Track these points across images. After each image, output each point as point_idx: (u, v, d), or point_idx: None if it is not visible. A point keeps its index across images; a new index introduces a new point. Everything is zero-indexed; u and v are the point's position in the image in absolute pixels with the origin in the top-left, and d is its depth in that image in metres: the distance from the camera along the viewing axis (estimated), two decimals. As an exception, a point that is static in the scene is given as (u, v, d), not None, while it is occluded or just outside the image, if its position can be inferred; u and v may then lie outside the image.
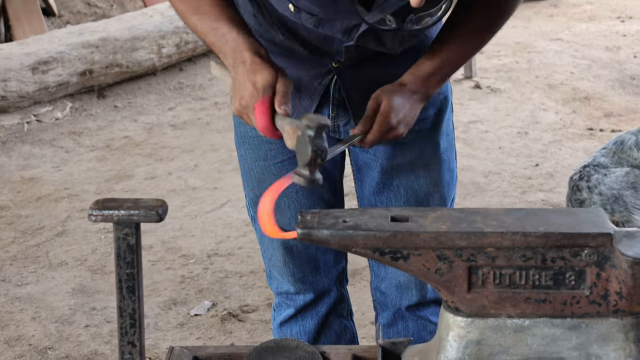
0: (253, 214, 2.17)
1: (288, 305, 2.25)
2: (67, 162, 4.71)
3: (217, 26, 1.78)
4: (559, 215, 1.53)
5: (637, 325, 1.50)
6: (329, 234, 1.53)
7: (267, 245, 2.19)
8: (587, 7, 7.43)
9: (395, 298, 2.22)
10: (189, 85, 5.80)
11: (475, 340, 1.52)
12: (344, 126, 2.04)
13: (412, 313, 2.23)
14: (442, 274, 1.51)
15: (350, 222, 1.56)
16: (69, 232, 3.94)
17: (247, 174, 2.13)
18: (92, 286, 3.51)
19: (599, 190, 3.50)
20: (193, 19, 1.82)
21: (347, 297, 2.32)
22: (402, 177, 2.07)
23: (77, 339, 3.19)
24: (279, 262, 2.17)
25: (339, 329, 2.29)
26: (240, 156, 2.14)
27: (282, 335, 2.28)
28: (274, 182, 2.06)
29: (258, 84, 1.70)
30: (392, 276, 2.20)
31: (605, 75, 5.87)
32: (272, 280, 2.25)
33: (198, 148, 4.88)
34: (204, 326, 3.27)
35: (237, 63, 1.74)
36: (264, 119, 1.69)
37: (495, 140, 4.85)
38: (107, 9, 6.49)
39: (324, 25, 1.82)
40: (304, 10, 1.79)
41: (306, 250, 2.15)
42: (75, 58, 5.35)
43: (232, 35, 1.76)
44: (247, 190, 2.16)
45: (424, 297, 2.20)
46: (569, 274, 1.49)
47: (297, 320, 2.25)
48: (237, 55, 1.74)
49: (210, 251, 3.76)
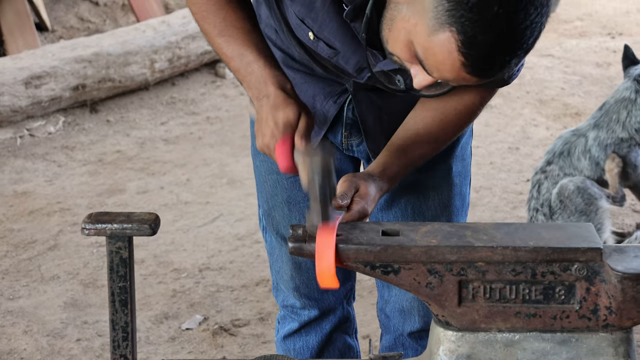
0: (265, 225, 2.18)
1: (292, 319, 2.25)
2: (59, 176, 4.72)
3: (244, 52, 1.74)
4: (548, 230, 1.54)
5: (626, 340, 1.51)
6: (321, 247, 1.53)
7: (276, 257, 2.19)
8: (578, 24, 7.47)
9: (398, 323, 2.21)
10: (181, 100, 5.81)
11: (466, 354, 1.53)
12: (357, 146, 2.04)
13: (414, 340, 2.22)
14: (433, 288, 1.52)
15: (342, 236, 1.57)
16: (61, 246, 3.93)
17: (261, 185, 2.14)
18: (84, 300, 3.51)
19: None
20: (219, 40, 1.78)
21: (352, 315, 2.31)
22: (411, 196, 2.06)
23: (69, 353, 3.19)
24: (286, 275, 2.17)
25: (343, 347, 2.28)
26: (256, 167, 2.14)
27: (285, 348, 2.27)
28: (285, 196, 2.08)
29: (279, 122, 1.67)
30: (395, 300, 2.19)
31: (595, 91, 5.90)
32: (279, 292, 2.25)
33: (190, 162, 4.88)
34: (195, 340, 3.26)
35: (261, 96, 1.70)
36: (284, 159, 1.66)
37: (486, 155, 4.87)
38: (100, 24, 6.51)
39: (339, 59, 1.80)
40: (323, 40, 1.77)
41: (314, 267, 2.15)
42: (68, 73, 5.35)
43: (258, 64, 1.73)
44: (261, 201, 2.17)
45: (427, 324, 2.17)
46: (559, 288, 1.50)
47: (300, 335, 2.25)
48: (261, 88, 1.71)
49: (201, 265, 3.76)
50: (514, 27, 1.44)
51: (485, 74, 1.51)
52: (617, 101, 3.76)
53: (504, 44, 1.46)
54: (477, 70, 1.48)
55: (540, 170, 3.72)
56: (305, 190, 1.63)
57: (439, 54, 1.48)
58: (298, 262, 2.13)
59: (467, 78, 1.50)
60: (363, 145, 2.02)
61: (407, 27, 1.51)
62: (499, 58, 1.48)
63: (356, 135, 2.02)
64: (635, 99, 3.74)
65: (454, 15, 1.44)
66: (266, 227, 2.18)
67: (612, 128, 3.71)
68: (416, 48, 1.51)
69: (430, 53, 1.49)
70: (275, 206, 2.11)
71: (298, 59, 1.93)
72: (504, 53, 1.47)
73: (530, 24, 1.45)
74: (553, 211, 3.60)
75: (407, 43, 1.53)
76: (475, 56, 1.46)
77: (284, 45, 1.93)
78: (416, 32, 1.50)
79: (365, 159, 2.06)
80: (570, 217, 3.55)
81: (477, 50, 1.45)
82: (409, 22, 1.51)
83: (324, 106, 1.97)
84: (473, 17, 1.42)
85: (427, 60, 1.51)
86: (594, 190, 3.58)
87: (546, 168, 3.69)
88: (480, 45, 1.45)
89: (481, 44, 1.45)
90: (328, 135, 2.03)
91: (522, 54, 1.50)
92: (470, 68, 1.48)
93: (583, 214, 3.54)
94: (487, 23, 1.43)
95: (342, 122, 2.00)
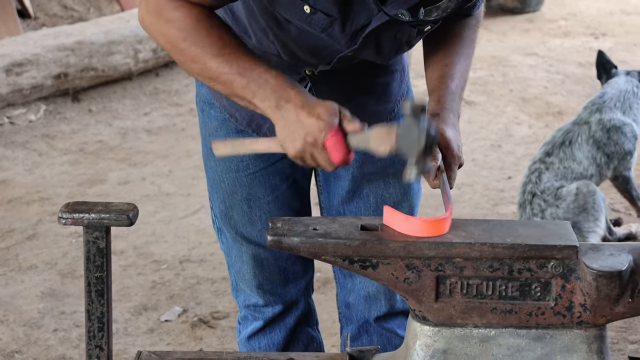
0: (220, 226, 2.17)
1: (256, 317, 2.24)
2: (39, 165, 4.69)
3: (252, 66, 1.68)
4: (526, 227, 1.55)
5: (600, 337, 1.52)
6: (299, 241, 1.54)
7: (235, 258, 2.17)
8: (562, 23, 7.50)
9: (363, 310, 2.22)
10: (164, 91, 5.80)
11: (442, 349, 1.54)
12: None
13: (379, 325, 2.23)
14: (411, 283, 1.52)
15: (321, 230, 1.57)
16: (40, 236, 3.92)
17: (217, 186, 2.12)
18: (62, 290, 3.50)
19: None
20: (217, 61, 1.68)
21: (313, 307, 2.32)
22: (372, 185, 2.08)
23: (46, 343, 3.18)
24: (248, 274, 2.16)
25: (307, 340, 2.29)
26: (210, 168, 2.12)
27: (249, 348, 2.26)
28: (245, 193, 2.07)
29: (323, 116, 1.63)
30: (360, 287, 2.20)
31: (578, 90, 5.92)
32: (239, 292, 2.23)
33: (173, 154, 4.87)
34: (174, 332, 3.26)
35: (281, 103, 1.65)
36: (342, 148, 1.62)
37: (468, 152, 4.88)
38: (84, 12, 6.47)
39: (334, 28, 1.77)
40: (321, 10, 1.73)
41: (276, 262, 2.15)
42: (50, 61, 5.32)
43: (270, 74, 1.68)
44: (216, 203, 2.14)
45: (392, 307, 2.20)
46: (535, 285, 1.51)
47: (265, 333, 2.24)
48: (281, 95, 1.66)
49: (182, 257, 3.76)
50: None
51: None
52: (619, 91, 3.85)
53: None
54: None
55: (539, 160, 3.77)
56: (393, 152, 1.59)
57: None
58: (260, 259, 2.13)
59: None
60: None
61: None
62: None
63: None
64: (638, 93, 3.85)
65: None
66: (221, 228, 2.16)
67: (614, 111, 3.78)
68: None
69: None
70: (234, 205, 2.09)
71: (251, 47, 1.86)
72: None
73: None
74: (559, 197, 3.65)
75: None
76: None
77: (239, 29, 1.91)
78: None
79: None
80: (573, 209, 3.61)
81: None
82: None
83: None
84: None
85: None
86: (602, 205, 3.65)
87: (545, 159, 3.73)
88: None
89: None
90: None
91: None
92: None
93: (584, 211, 3.61)
94: None
95: None
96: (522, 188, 3.77)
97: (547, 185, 3.70)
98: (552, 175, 3.71)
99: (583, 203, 3.60)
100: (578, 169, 3.72)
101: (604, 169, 3.78)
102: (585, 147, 3.75)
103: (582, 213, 3.60)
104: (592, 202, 3.61)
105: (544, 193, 3.69)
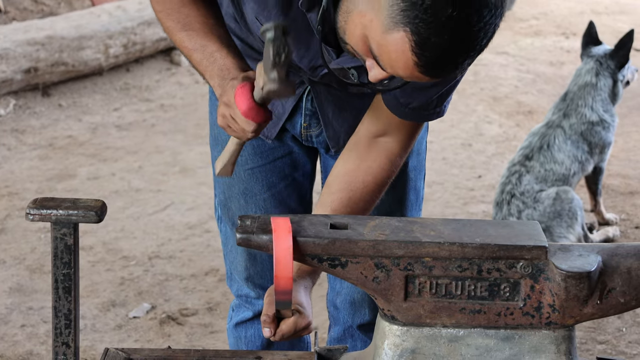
0: (220, 214, 2.19)
1: (247, 308, 2.25)
2: (8, 160, 4.65)
3: (206, 43, 1.74)
4: (495, 227, 1.55)
5: (568, 338, 1.53)
6: (268, 239, 1.53)
7: (230, 248, 2.19)
8: (533, 22, 7.53)
9: (347, 315, 2.22)
10: (135, 87, 5.76)
11: (410, 349, 1.54)
12: (316, 137, 2.04)
13: (363, 333, 2.23)
14: (379, 282, 1.52)
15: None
16: (8, 231, 3.88)
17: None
18: (30, 285, 3.47)
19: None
20: (180, 35, 1.77)
21: None
22: None
23: (13, 339, 3.15)
24: (240, 266, 2.17)
25: None
26: (214, 157, 2.14)
27: (236, 335, 2.27)
28: (242, 187, 2.07)
29: (238, 79, 1.65)
30: (347, 292, 2.20)
31: (548, 90, 5.95)
32: (233, 282, 2.25)
33: (142, 150, 4.84)
34: (142, 329, 3.24)
35: (225, 82, 1.68)
36: (244, 99, 1.60)
37: (439, 150, 4.90)
38: (55, 6, 6.42)
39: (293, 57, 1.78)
40: None
41: (269, 258, 2.14)
42: (20, 55, 5.28)
43: (221, 53, 1.72)
44: (218, 191, 2.16)
45: (376, 318, 2.19)
46: (504, 285, 1.51)
47: (253, 324, 2.25)
48: (225, 74, 1.69)
49: (151, 253, 3.74)
50: (467, 30, 1.44)
51: (438, 74, 1.51)
52: (580, 87, 3.88)
53: (457, 46, 1.46)
54: (429, 70, 1.49)
55: (519, 163, 3.79)
56: (267, 82, 1.57)
57: (393, 52, 1.48)
58: (253, 253, 2.13)
59: (420, 77, 1.51)
60: (322, 136, 2.02)
61: (363, 21, 1.51)
62: (452, 59, 1.48)
63: (315, 126, 2.02)
64: (596, 83, 3.86)
65: (409, 15, 1.43)
66: (221, 216, 2.19)
67: (581, 113, 3.82)
68: (371, 43, 1.51)
69: (384, 50, 1.49)
70: (232, 197, 2.11)
71: (257, 49, 1.92)
72: (457, 54, 1.47)
73: (484, 25, 1.45)
74: (537, 200, 3.69)
75: (362, 37, 1.52)
76: (429, 57, 1.46)
77: (243, 34, 1.92)
78: (371, 28, 1.50)
79: (324, 149, 2.06)
80: (549, 213, 3.65)
81: (430, 51, 1.45)
82: (365, 17, 1.50)
83: None
84: (427, 18, 1.42)
85: (381, 56, 1.51)
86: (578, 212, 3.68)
87: (526, 162, 3.76)
88: (434, 47, 1.45)
89: (434, 45, 1.44)
90: (286, 126, 2.02)
91: (474, 55, 1.50)
92: (423, 68, 1.48)
93: (558, 216, 3.66)
94: (440, 25, 1.42)
95: (301, 113, 2.00)
96: (501, 188, 3.79)
97: (527, 187, 3.73)
98: (532, 178, 3.75)
99: (560, 209, 3.65)
100: (560, 169, 3.76)
101: (585, 164, 3.83)
102: (565, 147, 3.79)
103: (557, 218, 3.65)
104: (568, 209, 3.65)
105: (524, 195, 3.72)
